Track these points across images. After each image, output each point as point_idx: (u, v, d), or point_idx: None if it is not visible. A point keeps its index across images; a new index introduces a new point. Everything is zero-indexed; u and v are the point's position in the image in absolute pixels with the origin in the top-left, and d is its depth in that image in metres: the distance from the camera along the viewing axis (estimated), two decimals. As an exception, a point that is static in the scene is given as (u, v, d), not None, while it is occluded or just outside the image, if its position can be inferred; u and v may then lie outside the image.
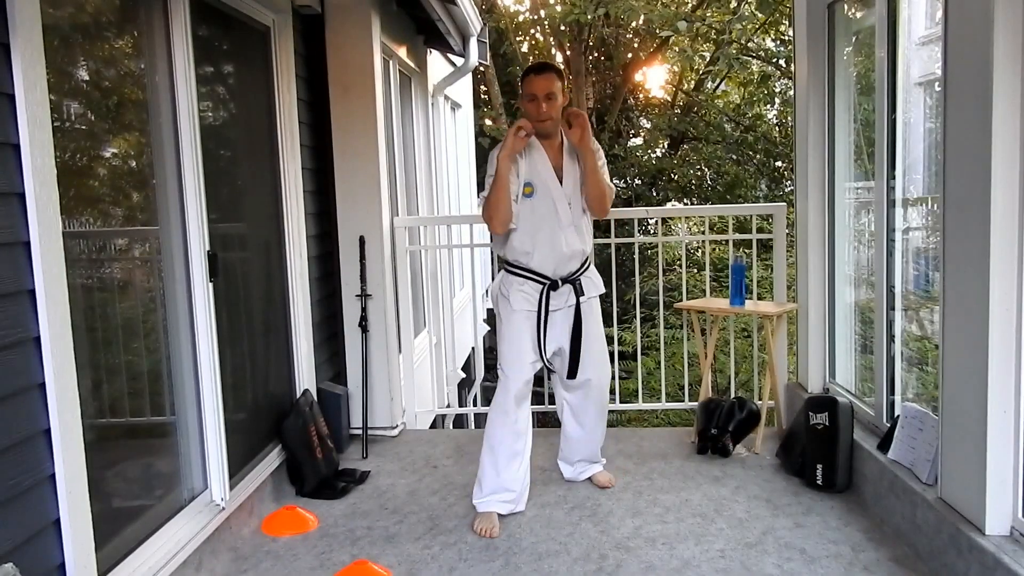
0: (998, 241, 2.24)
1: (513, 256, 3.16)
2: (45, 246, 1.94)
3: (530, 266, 3.13)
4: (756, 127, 13.86)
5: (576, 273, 3.18)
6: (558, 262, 3.12)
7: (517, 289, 3.14)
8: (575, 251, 3.14)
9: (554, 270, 3.13)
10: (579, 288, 3.18)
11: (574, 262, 3.17)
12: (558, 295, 3.15)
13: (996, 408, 2.30)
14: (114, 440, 2.60)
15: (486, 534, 3.03)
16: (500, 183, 2.99)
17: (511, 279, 3.16)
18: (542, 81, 3.05)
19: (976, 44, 2.29)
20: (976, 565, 2.33)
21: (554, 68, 3.14)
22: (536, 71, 3.09)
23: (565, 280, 3.15)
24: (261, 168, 3.59)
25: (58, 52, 2.23)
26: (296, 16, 3.81)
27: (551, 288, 3.13)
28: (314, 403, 3.77)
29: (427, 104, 6.43)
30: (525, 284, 3.14)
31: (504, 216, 3.03)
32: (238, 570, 2.85)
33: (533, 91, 3.05)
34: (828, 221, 3.84)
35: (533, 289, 3.13)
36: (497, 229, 3.08)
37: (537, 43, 13.65)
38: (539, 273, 3.12)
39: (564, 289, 3.16)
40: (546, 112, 3.04)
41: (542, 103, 3.04)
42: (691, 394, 4.63)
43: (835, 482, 3.29)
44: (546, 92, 3.04)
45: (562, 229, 3.10)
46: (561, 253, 3.11)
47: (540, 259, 3.11)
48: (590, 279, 3.26)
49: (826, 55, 3.75)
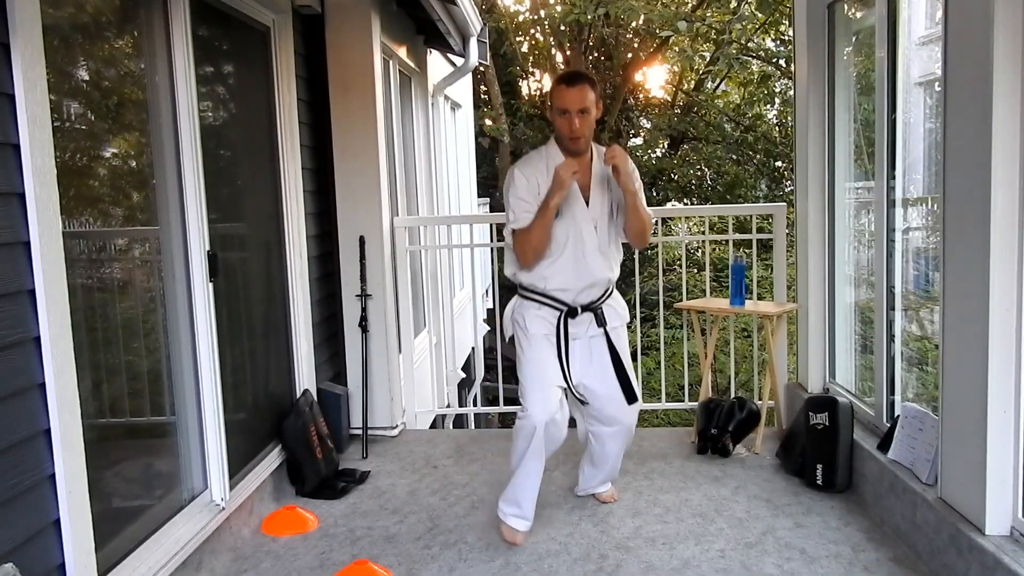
0: (998, 241, 2.24)
1: (528, 280, 2.90)
2: (45, 246, 1.94)
3: (546, 291, 2.88)
4: (756, 127, 13.87)
5: (598, 301, 2.93)
6: (579, 289, 2.88)
7: (534, 314, 2.90)
8: (598, 279, 2.89)
9: (574, 297, 2.89)
10: (600, 317, 2.94)
11: (596, 290, 2.91)
12: (576, 323, 2.91)
13: (996, 408, 2.30)
14: (114, 440, 2.60)
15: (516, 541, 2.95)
16: (546, 225, 2.74)
17: (526, 304, 2.92)
18: (575, 94, 2.74)
19: (976, 44, 2.29)
20: (976, 565, 2.32)
21: (587, 78, 2.82)
22: (568, 82, 2.77)
23: (585, 308, 2.91)
24: (261, 168, 3.59)
25: (58, 52, 2.23)
26: (296, 16, 3.81)
27: (568, 315, 2.89)
28: (314, 403, 3.77)
29: (427, 104, 6.43)
30: (542, 309, 2.90)
31: (542, 254, 2.81)
32: (238, 570, 2.85)
33: (565, 105, 2.75)
34: (828, 221, 3.84)
35: (550, 315, 2.89)
36: (529, 263, 2.84)
37: (537, 43, 13.65)
38: (556, 299, 2.88)
39: (584, 317, 2.91)
40: (579, 129, 2.76)
41: (575, 119, 2.74)
42: (691, 394, 4.63)
43: (835, 482, 3.29)
44: (580, 107, 2.74)
45: (586, 254, 2.85)
46: (582, 280, 2.86)
47: (558, 284, 2.86)
48: (613, 308, 2.99)
49: (826, 55, 3.75)
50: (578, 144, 2.82)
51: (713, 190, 13.81)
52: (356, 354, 4.20)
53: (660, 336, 4.83)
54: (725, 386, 7.05)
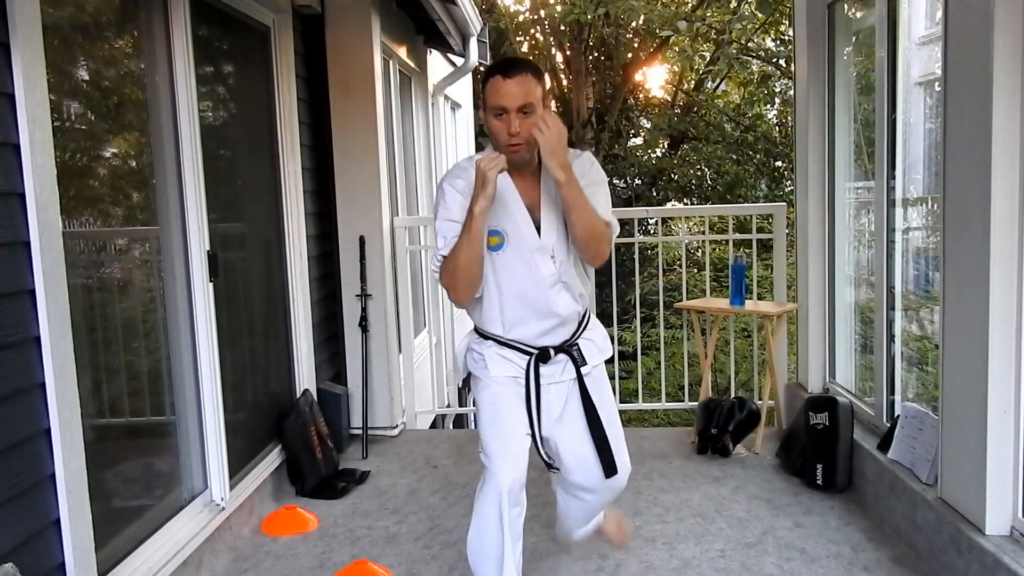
0: (998, 241, 2.24)
1: (483, 326, 2.31)
2: (45, 246, 1.94)
3: (508, 340, 2.28)
4: (756, 127, 13.87)
5: (572, 338, 2.31)
6: (544, 330, 2.26)
7: (496, 354, 2.29)
8: (566, 315, 2.25)
9: (541, 342, 2.27)
10: (578, 355, 2.30)
11: (566, 328, 2.28)
12: (550, 367, 2.28)
13: (996, 408, 2.30)
14: (114, 440, 2.60)
15: None
16: (473, 241, 2.08)
17: (486, 343, 2.31)
18: (513, 87, 2.05)
19: (976, 44, 2.29)
20: (976, 565, 2.33)
21: (530, 66, 2.13)
22: (504, 71, 2.07)
23: (558, 349, 2.28)
24: (261, 168, 3.59)
25: (58, 52, 2.23)
26: (296, 16, 3.81)
27: (540, 359, 2.27)
28: (314, 403, 3.77)
29: (427, 104, 6.43)
30: (504, 350, 2.29)
31: (474, 284, 2.18)
32: (238, 570, 2.85)
33: (501, 102, 2.06)
34: (828, 221, 3.84)
35: (518, 357, 2.27)
36: (462, 299, 2.23)
37: (537, 43, 13.65)
38: (523, 343, 2.27)
39: (559, 359, 2.29)
40: (520, 133, 2.07)
41: (514, 120, 2.06)
42: (691, 394, 4.63)
43: (835, 482, 3.29)
44: (520, 103, 2.05)
45: (545, 289, 2.21)
46: (547, 320, 2.24)
47: (521, 332, 2.26)
48: (591, 342, 2.36)
49: (826, 55, 3.75)
50: (518, 152, 2.12)
51: (713, 190, 13.80)
52: (356, 354, 4.20)
53: (660, 336, 4.83)
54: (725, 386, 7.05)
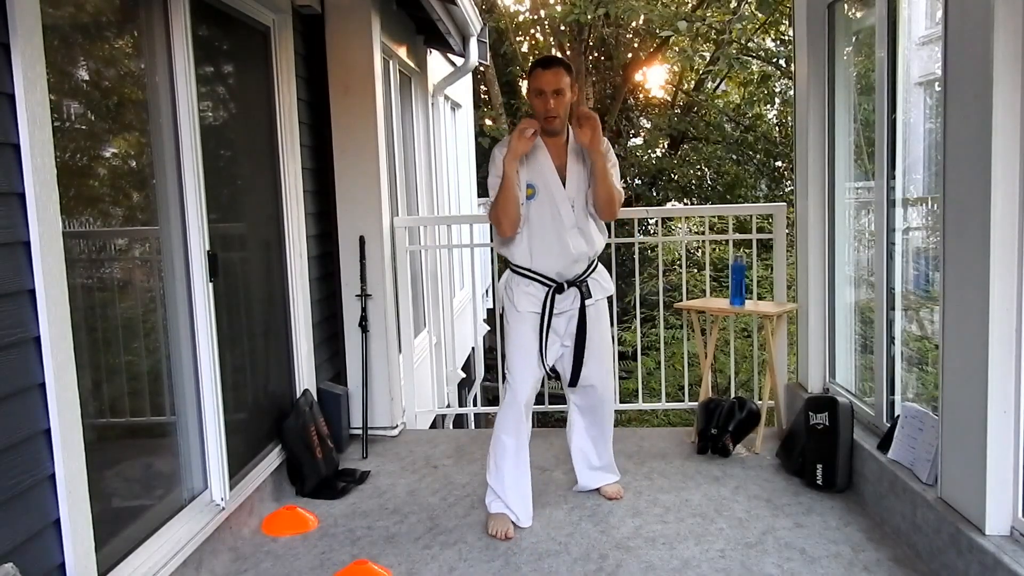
0: (998, 241, 2.24)
1: (515, 257, 3.09)
2: (45, 246, 1.94)
3: (532, 268, 3.06)
4: (756, 127, 13.87)
5: (582, 275, 3.10)
6: (562, 266, 3.05)
7: (523, 291, 3.07)
8: (579, 254, 3.05)
9: (559, 273, 3.06)
10: (585, 290, 3.11)
11: (579, 265, 3.07)
12: (563, 298, 3.08)
13: (996, 408, 2.30)
14: (114, 440, 2.60)
15: (501, 536, 3.00)
16: (507, 185, 2.91)
17: (516, 279, 3.10)
18: (550, 76, 2.94)
19: (976, 44, 2.29)
20: (976, 565, 2.33)
21: (563, 62, 3.04)
22: (544, 65, 2.99)
23: (571, 283, 3.08)
24: (261, 168, 3.59)
25: (58, 52, 2.23)
26: (296, 16, 3.81)
27: (556, 291, 3.06)
28: (314, 403, 3.77)
29: (427, 104, 6.43)
30: (531, 285, 3.07)
31: (513, 218, 2.96)
32: (238, 570, 2.85)
33: (540, 86, 2.95)
34: (828, 221, 3.84)
35: (538, 290, 3.06)
36: (507, 232, 3.00)
37: (537, 43, 13.66)
38: (544, 275, 3.06)
39: (570, 292, 3.08)
40: (554, 109, 2.95)
41: (550, 99, 2.93)
42: (691, 394, 4.63)
43: (835, 482, 3.29)
44: (554, 88, 2.93)
45: (565, 232, 3.01)
46: (565, 257, 3.03)
47: (543, 263, 3.04)
48: (597, 281, 3.17)
49: (826, 55, 3.75)
50: (553, 124, 2.98)
51: (713, 190, 13.80)
52: (356, 354, 4.20)
53: (660, 336, 4.83)
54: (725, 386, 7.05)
